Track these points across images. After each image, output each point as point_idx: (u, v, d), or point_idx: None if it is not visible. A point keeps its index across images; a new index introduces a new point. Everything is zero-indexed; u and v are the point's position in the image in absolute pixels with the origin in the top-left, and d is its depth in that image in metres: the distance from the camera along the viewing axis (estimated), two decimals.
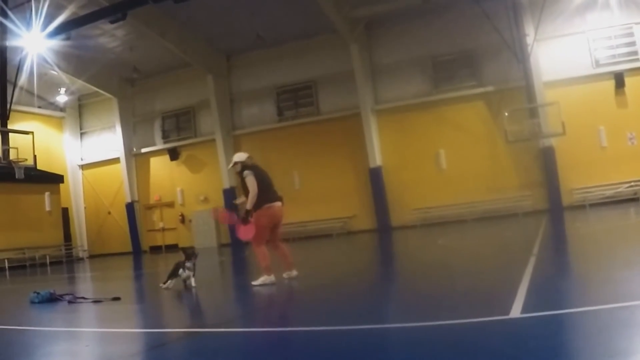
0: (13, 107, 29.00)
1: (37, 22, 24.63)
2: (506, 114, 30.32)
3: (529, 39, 30.39)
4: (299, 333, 6.53)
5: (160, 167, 40.45)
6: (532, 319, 5.78)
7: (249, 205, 11.21)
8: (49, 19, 24.70)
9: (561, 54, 30.90)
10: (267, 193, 11.18)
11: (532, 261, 10.20)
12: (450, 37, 32.44)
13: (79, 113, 43.85)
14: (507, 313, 6.00)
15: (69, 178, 41.70)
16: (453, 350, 5.04)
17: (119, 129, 41.03)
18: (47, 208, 36.48)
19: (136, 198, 40.79)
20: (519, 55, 30.65)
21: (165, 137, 40.55)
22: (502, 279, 9.29)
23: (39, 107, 39.62)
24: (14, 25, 25.14)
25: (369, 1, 31.46)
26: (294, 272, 11.46)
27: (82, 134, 43.86)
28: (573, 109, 29.37)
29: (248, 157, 11.59)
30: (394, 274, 13.16)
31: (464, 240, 20.54)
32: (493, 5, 30.01)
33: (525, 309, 6.12)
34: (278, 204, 11.33)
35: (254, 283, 11.04)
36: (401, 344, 5.62)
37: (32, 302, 11.46)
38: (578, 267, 10.31)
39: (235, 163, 11.63)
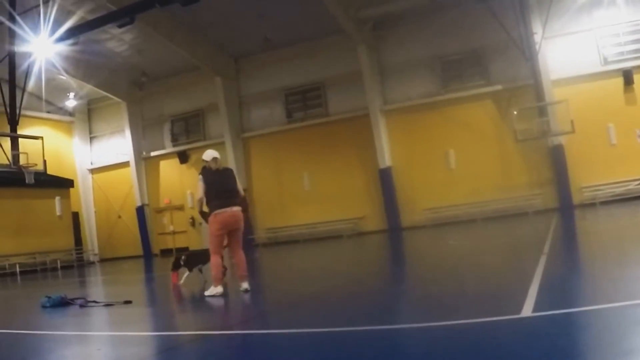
0: (22, 112, 29.14)
1: (45, 27, 24.69)
2: (515, 112, 30.30)
3: (537, 37, 30.30)
4: (311, 335, 6.52)
5: (169, 171, 40.52)
6: (543, 317, 5.77)
7: (197, 208, 11.50)
8: (57, 24, 24.75)
9: (569, 52, 30.84)
10: (216, 199, 10.98)
11: (542, 260, 10.17)
12: (457, 36, 32.39)
13: (88, 117, 43.95)
14: (519, 312, 5.99)
15: (79, 182, 41.77)
16: (465, 350, 5.04)
17: (128, 133, 41.13)
18: (58, 212, 36.57)
19: (146, 201, 40.88)
20: (527, 53, 30.59)
21: (175, 141, 40.63)
22: (513, 278, 9.28)
23: (48, 112, 39.74)
24: (23, 30, 25.22)
25: (375, 2, 31.46)
26: (244, 285, 11.03)
27: (91, 138, 43.98)
28: (582, 107, 29.30)
29: (212, 159, 11.39)
30: (406, 275, 13.14)
31: (474, 240, 20.49)
32: (500, 3, 29.96)
33: (536, 308, 6.11)
34: (229, 210, 10.98)
35: (205, 293, 10.98)
36: (413, 344, 5.61)
37: (44, 307, 11.48)
38: (589, 265, 10.28)
39: (202, 160, 11.57)
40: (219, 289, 10.86)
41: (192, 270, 13.43)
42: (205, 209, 11.19)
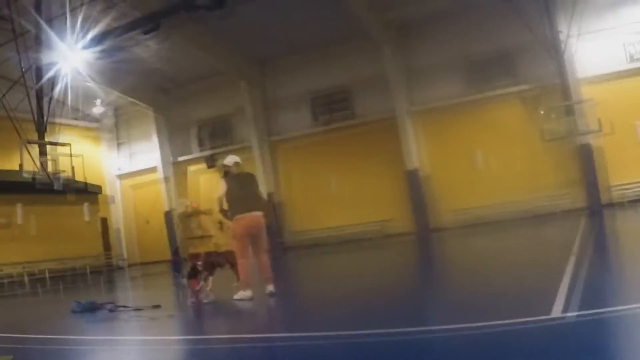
0: (50, 119, 29.31)
1: (72, 35, 24.85)
2: (542, 112, 30.11)
3: (563, 36, 30.11)
4: (342, 337, 6.52)
5: (197, 176, 40.61)
6: (573, 318, 5.74)
7: (217, 207, 11.81)
8: (84, 31, 24.92)
9: (596, 50, 30.54)
10: (238, 204, 11.16)
11: (572, 260, 10.12)
12: (484, 36, 32.16)
13: (116, 124, 44.13)
14: (549, 313, 5.96)
15: (107, 188, 41.99)
16: (496, 352, 5.02)
17: (155, 139, 41.26)
18: (86, 218, 36.80)
19: (174, 206, 40.96)
20: (554, 52, 30.39)
21: (202, 146, 40.70)
22: (542, 279, 9.23)
23: (76, 119, 39.90)
24: (50, 38, 25.40)
25: (401, 3, 31.38)
26: (270, 288, 11.15)
27: (119, 145, 44.14)
28: (609, 105, 28.96)
29: (234, 164, 11.70)
30: (436, 276, 13.12)
31: (503, 240, 20.42)
32: (527, 3, 29.78)
33: (566, 309, 6.07)
34: (251, 214, 11.17)
35: (234, 297, 11.07)
36: (443, 346, 5.60)
37: (74, 312, 11.57)
38: (618, 265, 10.21)
39: (224, 165, 11.86)
40: (247, 293, 10.93)
41: (213, 274, 13.24)
42: (225, 206, 11.36)
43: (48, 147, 27.45)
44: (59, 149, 28.33)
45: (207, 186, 39.71)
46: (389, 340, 5.99)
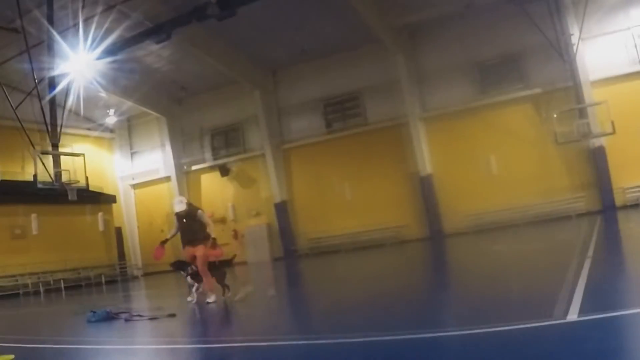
0: (63, 129, 29.41)
1: (84, 46, 24.93)
2: (555, 115, 29.99)
3: (574, 38, 30.02)
4: (357, 341, 6.51)
5: (211, 184, 40.61)
6: (589, 321, 5.71)
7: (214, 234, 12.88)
8: (97, 42, 24.99)
9: (607, 52, 30.44)
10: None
11: (587, 264, 10.07)
12: (494, 40, 32.15)
13: (129, 133, 44.17)
14: (565, 317, 5.93)
15: (121, 198, 42.07)
16: (512, 356, 5.01)
17: (168, 148, 41.30)
18: (101, 228, 36.87)
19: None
20: (565, 55, 30.30)
21: (215, 154, 40.72)
22: (558, 283, 9.19)
23: (89, 128, 40.02)
24: (62, 49, 25.50)
25: (411, 9, 31.36)
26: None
27: (132, 154, 44.18)
28: (621, 107, 28.83)
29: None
30: (450, 281, 13.09)
31: (518, 244, 20.34)
32: (536, 6, 29.74)
33: (582, 312, 6.04)
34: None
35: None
36: (459, 350, 5.58)
37: (89, 322, 11.58)
38: (634, 268, 10.15)
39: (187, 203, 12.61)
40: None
41: (213, 274, 13.49)
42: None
43: (61, 156, 27.62)
44: (74, 158, 28.49)
45: (218, 191, 39.82)
46: (405, 345, 5.98)
